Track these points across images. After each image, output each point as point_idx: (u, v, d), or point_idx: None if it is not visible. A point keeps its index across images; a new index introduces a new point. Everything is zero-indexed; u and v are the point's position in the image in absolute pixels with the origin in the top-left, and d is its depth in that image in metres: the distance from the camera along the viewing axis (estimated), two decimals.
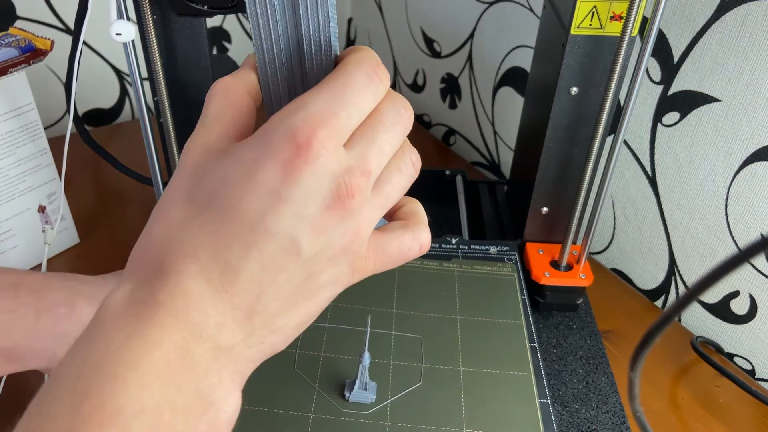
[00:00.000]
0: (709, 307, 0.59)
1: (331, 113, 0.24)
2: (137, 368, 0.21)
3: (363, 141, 0.25)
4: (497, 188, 0.70)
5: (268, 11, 0.25)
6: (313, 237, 0.24)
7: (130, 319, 0.22)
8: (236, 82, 0.27)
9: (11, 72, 0.53)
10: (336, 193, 0.24)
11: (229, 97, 0.26)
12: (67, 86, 0.49)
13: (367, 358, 0.43)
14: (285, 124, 0.23)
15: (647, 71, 0.58)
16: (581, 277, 0.54)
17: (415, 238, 0.28)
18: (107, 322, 0.23)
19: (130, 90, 0.92)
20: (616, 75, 0.45)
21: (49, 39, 0.55)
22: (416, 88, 0.96)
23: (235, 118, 0.26)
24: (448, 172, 0.70)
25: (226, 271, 0.23)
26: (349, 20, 1.08)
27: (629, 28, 0.43)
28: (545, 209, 0.56)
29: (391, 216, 0.30)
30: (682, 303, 0.23)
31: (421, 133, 0.94)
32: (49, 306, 0.40)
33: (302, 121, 0.23)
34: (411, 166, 0.27)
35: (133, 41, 0.42)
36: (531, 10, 0.70)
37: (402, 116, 0.26)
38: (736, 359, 0.58)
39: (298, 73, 0.27)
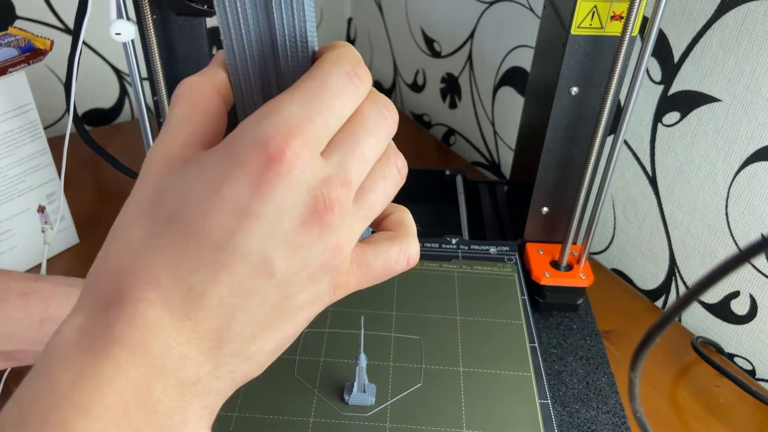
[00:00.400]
0: (710, 307, 0.59)
1: (306, 119, 0.21)
2: (87, 414, 0.19)
3: (342, 148, 0.22)
4: (497, 188, 0.70)
5: (237, 2, 0.23)
6: (288, 256, 0.22)
7: (82, 355, 0.20)
8: (204, 82, 0.24)
9: (11, 72, 0.53)
10: (313, 206, 0.21)
11: (195, 99, 0.24)
12: (67, 86, 0.49)
13: (363, 359, 0.43)
14: (255, 132, 0.21)
15: (647, 71, 0.58)
16: (581, 278, 0.54)
17: (403, 251, 0.26)
18: (56, 358, 0.20)
19: (130, 90, 0.92)
20: (616, 75, 0.45)
21: (48, 39, 0.55)
22: (416, 88, 0.96)
23: (201, 122, 0.23)
24: (448, 172, 0.70)
25: (189, 297, 0.21)
26: (349, 20, 1.08)
27: (629, 28, 0.43)
28: (545, 209, 0.56)
29: (377, 224, 0.27)
30: (683, 303, 0.23)
31: (421, 133, 0.94)
32: (54, 315, 0.40)
33: (274, 128, 0.21)
34: (397, 172, 0.25)
35: (132, 41, 0.42)
36: (531, 10, 0.70)
37: (385, 118, 0.24)
38: (736, 359, 0.58)
39: (272, 72, 0.25)
